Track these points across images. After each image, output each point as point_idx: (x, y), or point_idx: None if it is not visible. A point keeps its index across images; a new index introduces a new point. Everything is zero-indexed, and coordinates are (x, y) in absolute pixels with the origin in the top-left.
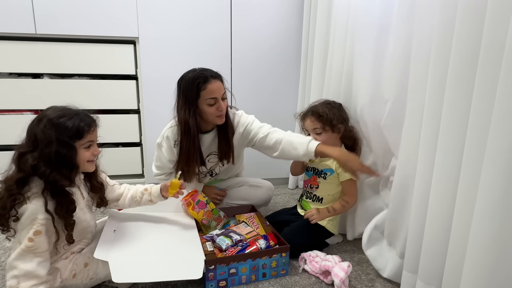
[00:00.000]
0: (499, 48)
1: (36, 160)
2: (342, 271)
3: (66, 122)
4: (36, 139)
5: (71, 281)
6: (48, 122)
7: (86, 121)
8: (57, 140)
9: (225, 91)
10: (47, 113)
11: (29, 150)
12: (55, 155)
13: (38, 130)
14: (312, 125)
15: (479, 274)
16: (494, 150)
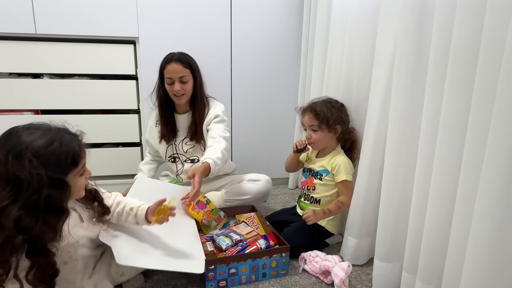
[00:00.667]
0: (499, 48)
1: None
2: (342, 271)
3: (57, 151)
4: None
5: (121, 279)
6: (34, 159)
7: (77, 142)
8: (50, 180)
9: (185, 75)
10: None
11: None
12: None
13: (20, 172)
14: (309, 122)
15: (479, 273)
16: (494, 150)
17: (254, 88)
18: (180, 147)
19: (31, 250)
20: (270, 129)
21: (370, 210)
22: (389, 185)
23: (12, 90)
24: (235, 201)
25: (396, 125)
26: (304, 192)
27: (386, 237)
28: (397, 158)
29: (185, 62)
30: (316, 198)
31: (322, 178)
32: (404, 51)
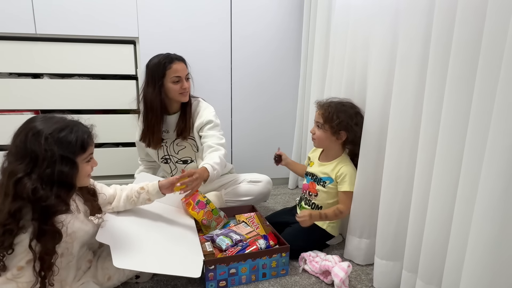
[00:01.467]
0: (499, 48)
1: (35, 183)
2: (342, 271)
3: (69, 135)
4: (35, 158)
5: (107, 284)
6: (49, 137)
7: (87, 132)
8: (61, 158)
9: (188, 72)
10: (41, 127)
11: (26, 173)
12: (57, 176)
13: (37, 147)
14: (317, 117)
15: (479, 273)
16: (494, 150)
17: (255, 89)
18: (171, 149)
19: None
20: (270, 130)
21: (373, 210)
22: (390, 184)
23: (12, 90)
24: (235, 202)
25: (397, 125)
26: (305, 197)
27: (387, 235)
28: (398, 157)
29: (185, 61)
30: (318, 204)
31: (326, 185)
32: (406, 50)
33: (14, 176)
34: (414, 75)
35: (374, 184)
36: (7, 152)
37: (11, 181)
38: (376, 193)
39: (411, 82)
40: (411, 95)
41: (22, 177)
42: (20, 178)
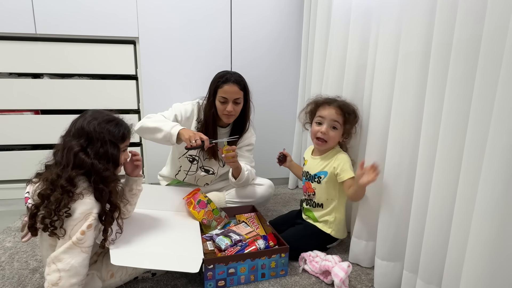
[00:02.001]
0: (499, 48)
1: (94, 157)
2: (342, 271)
3: (114, 127)
4: (89, 137)
5: (110, 281)
6: (100, 124)
7: (127, 128)
8: (109, 141)
9: (239, 97)
10: (95, 115)
11: (82, 148)
12: (109, 154)
13: (91, 130)
14: (333, 116)
15: (479, 272)
16: (494, 149)
17: (254, 87)
18: (202, 153)
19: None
20: (270, 130)
21: (376, 211)
22: (391, 185)
23: (12, 90)
24: (236, 203)
25: (398, 125)
26: (305, 198)
27: (387, 236)
28: (399, 157)
29: (241, 85)
30: (318, 202)
31: (321, 180)
32: (408, 50)
33: (72, 150)
34: (416, 75)
35: (380, 186)
36: (65, 135)
37: (71, 153)
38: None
39: (412, 82)
40: (413, 95)
41: (79, 151)
42: (77, 151)
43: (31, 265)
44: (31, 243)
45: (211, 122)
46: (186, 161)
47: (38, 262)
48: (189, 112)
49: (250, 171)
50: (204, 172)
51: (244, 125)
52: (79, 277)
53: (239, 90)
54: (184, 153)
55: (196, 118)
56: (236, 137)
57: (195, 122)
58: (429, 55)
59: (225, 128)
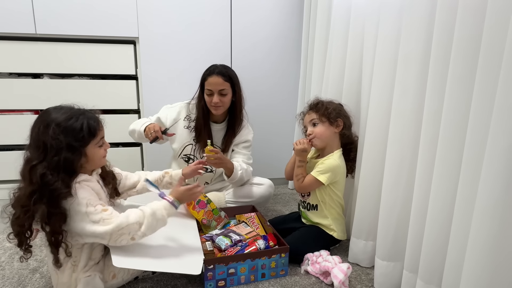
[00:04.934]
0: (499, 47)
1: (45, 169)
2: (341, 272)
3: (75, 123)
4: (45, 147)
5: (112, 282)
6: (57, 127)
7: (94, 118)
8: (67, 146)
9: (224, 88)
10: (52, 117)
11: (39, 161)
12: (63, 162)
13: (47, 138)
14: (309, 118)
15: (479, 272)
16: (494, 149)
17: (254, 87)
18: (198, 151)
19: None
20: (270, 129)
21: (375, 210)
22: (390, 185)
23: (12, 90)
24: (236, 203)
25: (398, 125)
26: (301, 200)
27: (387, 236)
28: (399, 157)
29: (226, 75)
30: (312, 204)
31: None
32: (408, 50)
33: (29, 163)
34: (416, 74)
35: (379, 186)
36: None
37: (27, 168)
38: (380, 194)
39: (412, 82)
40: (412, 95)
41: (36, 165)
42: (33, 165)
43: (31, 265)
44: (31, 243)
45: (201, 116)
46: (182, 161)
47: (38, 262)
48: (175, 113)
49: (246, 170)
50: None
51: (237, 118)
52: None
53: (223, 81)
54: (179, 154)
55: (185, 117)
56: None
57: (183, 121)
58: (429, 55)
59: (220, 124)
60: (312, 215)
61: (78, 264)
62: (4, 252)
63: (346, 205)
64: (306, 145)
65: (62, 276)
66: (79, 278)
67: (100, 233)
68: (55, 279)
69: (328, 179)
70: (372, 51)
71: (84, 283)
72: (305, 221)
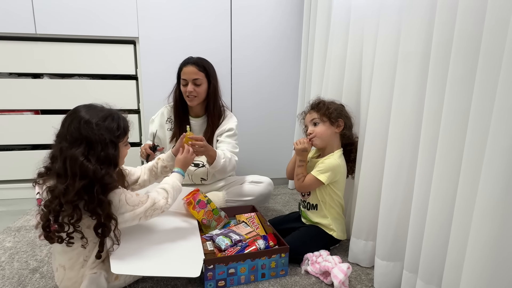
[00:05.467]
0: (500, 47)
1: (96, 163)
2: (341, 272)
3: (113, 122)
4: (89, 142)
5: (114, 283)
6: (98, 124)
7: (125, 120)
8: (110, 142)
9: (198, 78)
10: (89, 115)
11: (85, 156)
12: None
13: (91, 134)
14: (310, 117)
15: (479, 272)
16: (494, 149)
17: (254, 88)
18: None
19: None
20: (270, 129)
21: (375, 210)
22: (390, 185)
23: (12, 90)
24: (236, 202)
25: (398, 125)
26: (301, 199)
27: (387, 236)
28: (399, 157)
29: (200, 65)
30: (313, 204)
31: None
32: (407, 50)
33: (76, 161)
34: (415, 74)
35: (379, 185)
36: (58, 138)
37: (76, 165)
38: (380, 194)
39: (412, 82)
40: (412, 95)
41: (83, 161)
42: (82, 161)
43: (31, 265)
44: (31, 243)
45: (180, 109)
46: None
47: (38, 262)
48: (158, 121)
49: (229, 159)
50: (195, 167)
51: (215, 111)
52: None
53: (197, 70)
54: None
55: (166, 119)
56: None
57: (166, 124)
58: (429, 55)
59: (200, 118)
60: (312, 215)
61: (88, 259)
62: (4, 252)
63: (346, 205)
64: (307, 145)
65: (71, 271)
66: (85, 274)
67: (140, 212)
68: (62, 275)
69: (328, 179)
70: (372, 51)
71: (90, 280)
72: (305, 221)
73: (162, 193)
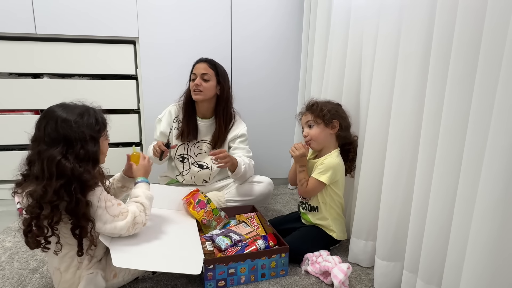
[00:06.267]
0: (500, 48)
1: (74, 161)
2: (341, 272)
3: (91, 118)
4: (67, 141)
5: (113, 281)
6: (77, 121)
7: (101, 113)
8: (90, 138)
9: (207, 73)
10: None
11: (63, 155)
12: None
13: (69, 132)
14: (305, 119)
15: (479, 272)
16: (494, 149)
17: (254, 88)
18: (191, 149)
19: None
20: (270, 129)
21: (375, 210)
22: (390, 185)
23: (12, 90)
24: (236, 202)
25: (398, 125)
26: (301, 201)
27: (387, 236)
28: (399, 157)
29: (212, 63)
30: (313, 205)
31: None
32: (407, 50)
33: (53, 160)
34: (416, 75)
35: (379, 186)
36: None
37: (53, 164)
38: (380, 194)
39: (412, 82)
40: (412, 95)
41: (60, 159)
42: (59, 160)
43: (31, 265)
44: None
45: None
46: (178, 161)
47: (38, 262)
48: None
49: (248, 164)
50: (199, 168)
51: (225, 114)
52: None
53: (207, 67)
54: (174, 155)
55: (174, 117)
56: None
57: (174, 122)
58: (429, 55)
59: (207, 120)
60: (312, 216)
61: (82, 261)
62: (4, 252)
63: (346, 205)
64: (304, 149)
65: (66, 274)
66: (82, 275)
67: (122, 227)
68: (58, 278)
69: (330, 179)
70: (372, 51)
71: (87, 280)
72: (305, 222)
73: (139, 207)
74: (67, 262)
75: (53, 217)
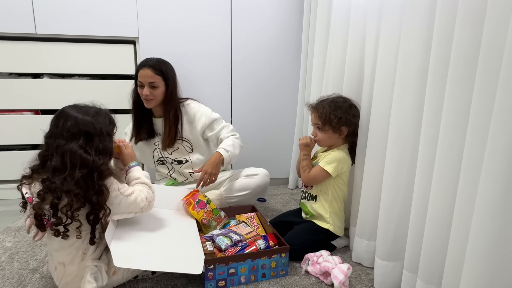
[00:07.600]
0: (499, 48)
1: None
2: (341, 273)
3: (104, 117)
4: (87, 135)
5: (112, 278)
6: (95, 118)
7: (110, 115)
8: (107, 134)
9: (155, 81)
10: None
11: (84, 149)
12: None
13: (90, 127)
14: (314, 120)
15: (479, 272)
16: (494, 149)
17: (254, 88)
18: (164, 151)
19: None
20: (270, 129)
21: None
22: (390, 184)
23: (12, 90)
24: (235, 197)
25: (398, 125)
26: (303, 190)
27: (387, 235)
28: (399, 157)
29: (157, 69)
30: (313, 194)
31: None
32: (407, 50)
33: (75, 153)
34: (416, 75)
35: (379, 185)
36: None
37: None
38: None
39: (412, 82)
40: (412, 95)
41: (82, 152)
42: (81, 153)
43: (31, 265)
44: (31, 243)
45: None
46: (160, 166)
47: (38, 262)
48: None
49: (232, 145)
50: (178, 164)
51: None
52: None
53: (153, 74)
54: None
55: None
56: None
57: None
58: (429, 55)
59: (159, 119)
60: (310, 205)
61: (87, 252)
62: (4, 252)
63: (346, 205)
64: (309, 140)
65: (71, 266)
66: (86, 266)
67: (138, 201)
68: (61, 272)
69: (335, 170)
70: (372, 52)
71: (92, 271)
72: (304, 215)
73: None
74: (72, 254)
75: (73, 204)
